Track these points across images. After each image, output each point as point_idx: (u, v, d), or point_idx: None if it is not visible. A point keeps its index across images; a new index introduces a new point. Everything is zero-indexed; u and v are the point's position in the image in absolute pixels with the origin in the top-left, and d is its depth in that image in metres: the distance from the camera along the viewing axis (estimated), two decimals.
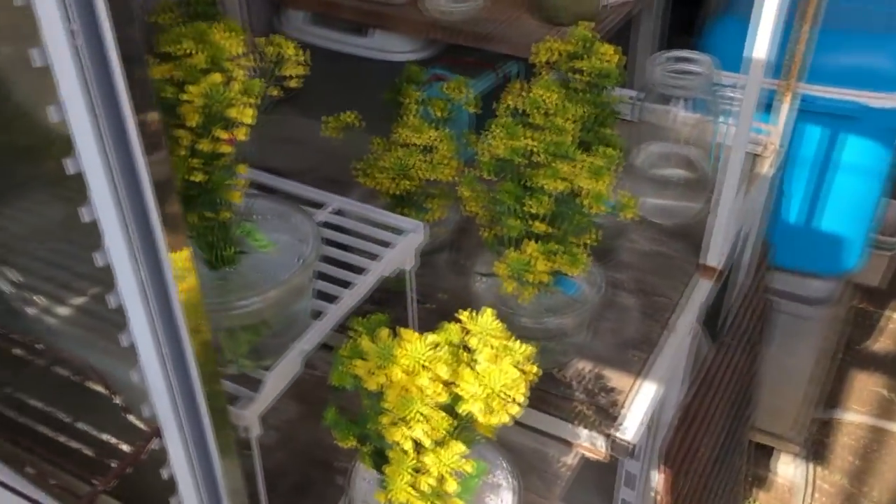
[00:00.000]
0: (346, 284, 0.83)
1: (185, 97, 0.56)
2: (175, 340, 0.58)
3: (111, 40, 0.46)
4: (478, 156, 0.88)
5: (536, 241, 0.91)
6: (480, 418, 0.68)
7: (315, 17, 1.39)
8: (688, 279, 1.16)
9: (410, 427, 0.67)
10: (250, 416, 0.70)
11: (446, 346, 0.71)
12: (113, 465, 0.65)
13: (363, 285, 0.82)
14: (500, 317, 0.98)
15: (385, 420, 0.68)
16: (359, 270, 0.85)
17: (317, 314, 0.80)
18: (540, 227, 0.89)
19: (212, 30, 0.60)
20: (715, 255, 1.16)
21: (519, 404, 0.69)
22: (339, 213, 0.93)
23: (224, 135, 0.57)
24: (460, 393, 0.69)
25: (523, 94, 0.89)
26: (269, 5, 1.42)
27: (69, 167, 0.52)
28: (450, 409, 0.70)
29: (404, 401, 0.67)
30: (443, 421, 0.68)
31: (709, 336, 1.52)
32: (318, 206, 0.94)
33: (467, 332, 0.72)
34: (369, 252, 0.88)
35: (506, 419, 0.68)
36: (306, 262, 0.73)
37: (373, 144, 1.05)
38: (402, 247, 0.87)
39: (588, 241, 0.94)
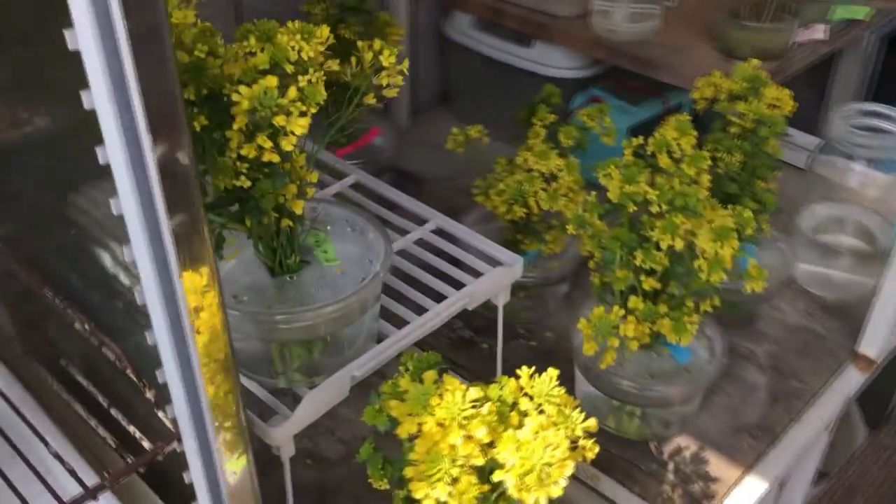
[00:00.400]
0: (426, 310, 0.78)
1: (235, 98, 0.53)
2: (185, 351, 0.55)
3: (121, 27, 0.42)
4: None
5: (645, 298, 0.81)
6: (513, 493, 0.60)
7: (481, 22, 1.33)
8: (836, 366, 1.00)
9: (433, 486, 0.60)
10: (279, 436, 0.67)
11: (495, 403, 0.63)
12: (129, 460, 0.63)
13: (436, 315, 0.76)
14: (596, 374, 0.89)
15: (409, 472, 0.62)
16: (443, 298, 0.79)
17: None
18: (650, 283, 0.79)
19: (280, 29, 0.56)
20: (874, 345, 0.99)
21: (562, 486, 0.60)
22: (440, 232, 0.88)
23: (267, 143, 0.53)
24: (498, 459, 0.61)
25: (655, 133, 0.79)
26: (437, 5, 1.38)
27: (100, 156, 0.49)
28: (489, 471, 0.63)
29: (433, 456, 0.60)
30: (471, 487, 0.60)
31: (866, 423, 1.34)
32: (421, 221, 0.88)
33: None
34: (458, 280, 0.81)
35: (541, 501, 0.60)
36: (366, 285, 0.68)
37: (497, 164, 0.99)
38: (490, 280, 0.80)
39: (707, 309, 0.83)
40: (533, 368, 0.65)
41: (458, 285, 0.81)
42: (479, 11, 1.33)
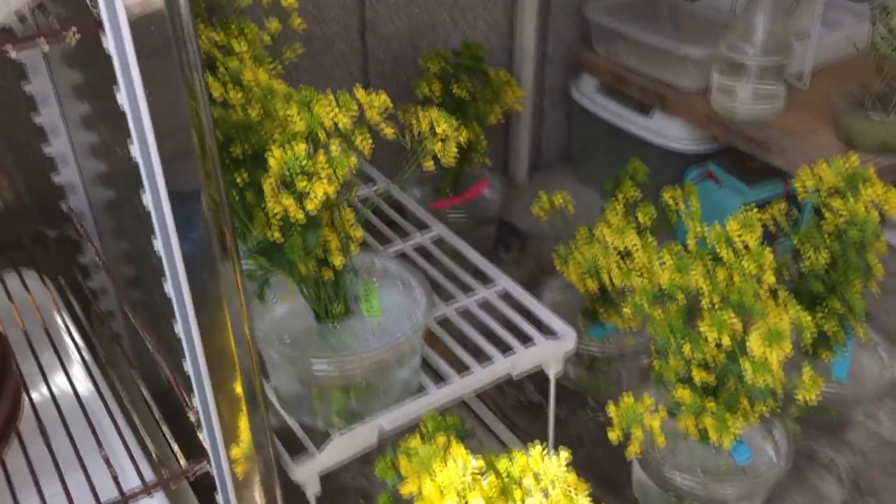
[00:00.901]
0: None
1: (268, 156, 0.57)
2: (200, 382, 0.60)
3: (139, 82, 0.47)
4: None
5: (702, 392, 0.79)
6: None
7: (605, 87, 1.34)
8: None
9: None
10: (301, 474, 0.70)
11: (503, 477, 0.64)
12: (165, 474, 0.69)
13: (476, 379, 0.78)
14: (646, 461, 0.87)
15: None
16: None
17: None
18: (700, 375, 0.77)
19: (317, 98, 0.60)
20: None
21: None
22: (506, 296, 0.89)
23: (290, 202, 0.57)
24: None
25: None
26: (567, 67, 1.40)
27: (131, 152, 0.53)
28: None
29: None
30: None
31: None
32: (488, 281, 0.91)
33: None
34: (510, 347, 0.83)
35: None
36: (401, 340, 0.71)
37: (578, 233, 0.99)
38: (537, 350, 0.81)
39: (764, 411, 0.79)
40: (545, 447, 0.65)
41: (509, 352, 0.82)
42: (604, 77, 1.34)
